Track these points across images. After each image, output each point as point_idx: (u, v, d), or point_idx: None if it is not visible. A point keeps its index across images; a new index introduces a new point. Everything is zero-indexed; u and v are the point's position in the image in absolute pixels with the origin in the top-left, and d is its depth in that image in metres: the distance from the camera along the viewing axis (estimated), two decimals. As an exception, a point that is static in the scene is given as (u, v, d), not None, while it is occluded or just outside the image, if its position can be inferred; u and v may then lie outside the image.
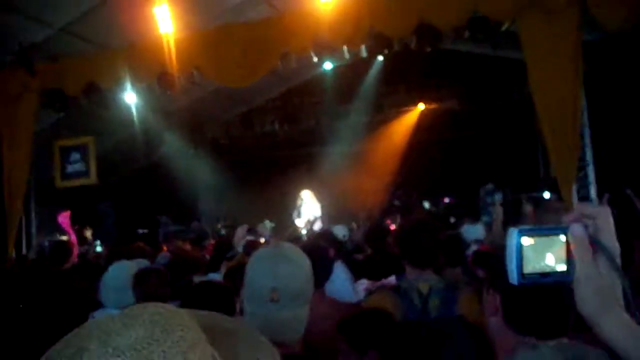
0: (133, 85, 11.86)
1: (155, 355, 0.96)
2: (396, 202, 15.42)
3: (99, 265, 6.12)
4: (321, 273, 3.45)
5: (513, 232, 1.06)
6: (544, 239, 1.06)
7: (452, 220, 13.37)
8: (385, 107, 17.07)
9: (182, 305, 2.88)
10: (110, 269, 3.99)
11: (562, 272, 1.06)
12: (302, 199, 13.40)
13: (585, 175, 12.55)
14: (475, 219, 10.28)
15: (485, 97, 16.15)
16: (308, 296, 2.02)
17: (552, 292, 1.38)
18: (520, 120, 14.75)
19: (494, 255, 1.89)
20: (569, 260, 1.05)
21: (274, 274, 1.93)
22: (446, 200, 15.55)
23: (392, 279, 3.37)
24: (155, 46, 11.29)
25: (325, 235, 7.07)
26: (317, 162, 17.27)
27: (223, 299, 3.06)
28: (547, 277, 1.06)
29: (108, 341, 0.98)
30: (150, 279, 3.66)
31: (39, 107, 11.98)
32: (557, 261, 1.06)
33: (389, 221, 12.96)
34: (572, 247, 1.05)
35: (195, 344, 1.02)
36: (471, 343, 2.70)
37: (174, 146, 17.14)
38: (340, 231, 7.87)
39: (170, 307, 1.08)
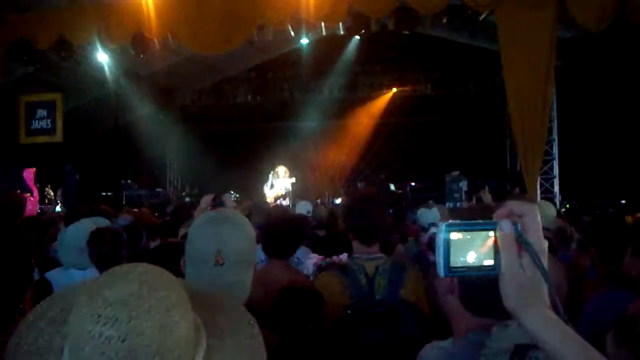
0: (106, 44, 11.66)
1: (141, 310, 1.02)
2: (360, 185, 15.45)
3: (49, 223, 6.06)
4: (293, 242, 3.44)
5: (441, 226, 1.09)
6: (472, 234, 1.09)
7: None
8: (359, 87, 17.08)
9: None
10: (69, 228, 3.88)
11: (488, 267, 1.08)
12: (277, 174, 13.39)
13: (551, 169, 12.76)
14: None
15: (458, 84, 16.24)
16: (251, 259, 2.02)
17: (476, 286, 1.42)
18: (491, 110, 14.88)
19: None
20: (496, 256, 1.07)
21: (218, 237, 1.93)
22: (412, 184, 15.64)
23: (343, 256, 3.31)
24: (132, 7, 11.12)
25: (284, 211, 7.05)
26: (288, 136, 17.23)
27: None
28: (474, 271, 1.09)
29: (97, 294, 1.04)
30: (106, 238, 3.57)
31: (6, 59, 11.71)
32: (484, 256, 1.08)
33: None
34: (499, 243, 1.07)
35: (178, 304, 1.08)
36: (415, 327, 2.70)
37: (143, 111, 16.93)
38: (304, 207, 7.88)
39: (158, 269, 1.13)
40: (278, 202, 12.60)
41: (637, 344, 1.83)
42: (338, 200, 11.47)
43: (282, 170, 13.44)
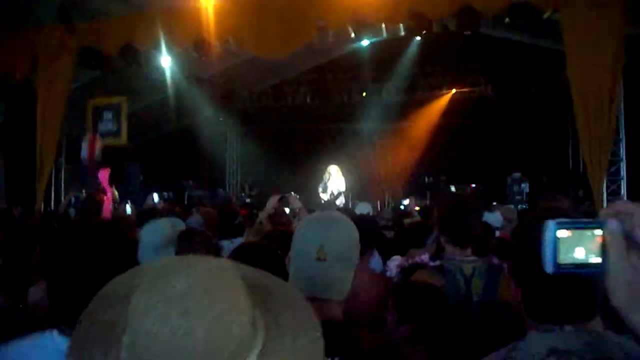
0: (169, 48, 11.90)
1: (194, 309, 1.00)
2: (426, 180, 15.34)
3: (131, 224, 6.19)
4: (366, 242, 3.49)
5: (549, 224, 1.10)
6: (579, 232, 1.09)
7: None
8: (419, 89, 16.95)
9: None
10: (147, 227, 3.99)
11: (596, 264, 1.09)
12: (329, 173, 13.41)
13: (617, 170, 12.41)
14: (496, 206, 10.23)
15: (519, 85, 16.00)
16: (354, 260, 2.06)
17: (574, 281, 1.38)
18: (553, 111, 14.61)
19: (515, 245, 1.88)
20: (603, 254, 1.08)
21: (323, 233, 2.00)
22: (473, 185, 15.46)
23: (424, 257, 3.35)
24: (193, 11, 11.32)
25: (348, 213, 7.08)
26: (346, 138, 17.25)
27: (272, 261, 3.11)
28: (581, 269, 1.10)
29: (154, 286, 1.03)
30: (195, 238, 3.69)
31: (76, 65, 12.08)
32: (592, 254, 1.09)
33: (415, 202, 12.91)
34: (606, 240, 1.07)
35: (234, 304, 1.05)
36: (514, 330, 2.70)
37: (204, 113, 17.20)
38: (364, 208, 7.90)
39: (222, 264, 1.12)
40: (338, 202, 12.63)
41: None
42: (406, 202, 11.40)
43: (334, 169, 13.46)
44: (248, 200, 15.47)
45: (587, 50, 10.18)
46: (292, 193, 11.84)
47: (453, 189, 14.91)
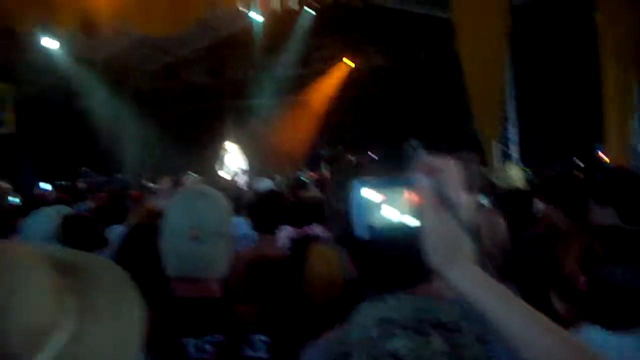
0: (53, 31, 11.40)
1: None
2: (323, 152, 15.47)
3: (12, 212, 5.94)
4: (275, 219, 3.47)
5: (356, 185, 1.04)
6: (389, 191, 1.05)
7: None
8: (313, 61, 17.05)
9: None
10: (31, 216, 3.82)
11: (409, 224, 1.04)
12: (226, 150, 13.27)
13: (508, 133, 12.88)
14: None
15: (410, 53, 16.31)
16: (227, 233, 2.03)
17: (398, 244, 1.23)
18: (446, 77, 14.96)
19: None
20: (416, 213, 1.04)
21: (192, 213, 1.94)
22: (370, 154, 15.68)
23: (318, 228, 3.36)
24: (78, -10, 10.88)
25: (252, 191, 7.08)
26: (244, 114, 17.11)
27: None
28: (395, 230, 1.05)
29: None
30: (78, 223, 3.54)
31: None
32: (404, 213, 1.04)
33: (312, 174, 13.00)
34: (418, 199, 1.04)
35: (26, 285, 0.98)
36: None
37: (97, 96, 16.63)
38: (264, 184, 7.90)
39: (19, 247, 1.05)
40: (241, 180, 12.54)
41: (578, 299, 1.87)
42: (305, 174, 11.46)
43: (231, 146, 13.33)
44: (143, 183, 15.11)
45: (474, 18, 10.47)
46: (190, 173, 11.67)
47: (352, 158, 15.12)
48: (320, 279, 2.77)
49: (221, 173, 13.10)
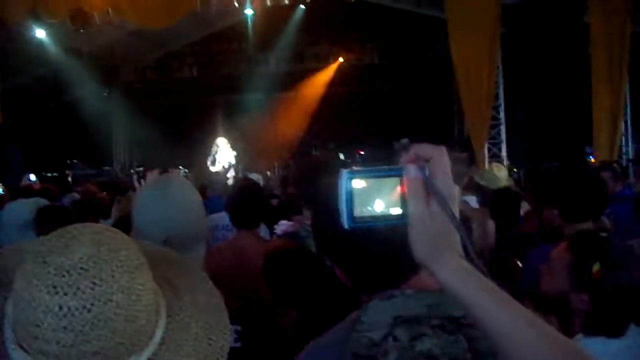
0: (43, 20, 11.31)
1: (103, 273, 0.93)
2: (313, 152, 15.47)
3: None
4: (262, 212, 3.41)
5: (343, 173, 0.99)
6: (376, 181, 1.00)
7: None
8: (305, 58, 17.05)
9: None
10: (8, 206, 3.81)
11: (396, 216, 1.00)
12: (217, 146, 13.24)
13: (498, 133, 12.92)
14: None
15: (405, 53, 16.32)
16: (202, 235, 1.95)
17: (382, 235, 1.23)
18: (438, 77, 14.99)
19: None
20: (403, 203, 0.99)
21: (164, 223, 1.80)
22: (361, 152, 15.70)
23: (307, 222, 3.32)
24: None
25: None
26: (234, 110, 17.06)
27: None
28: (380, 221, 1.00)
29: (48, 261, 0.93)
30: (54, 215, 3.49)
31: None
32: (391, 204, 0.99)
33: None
34: (405, 189, 0.99)
35: (142, 263, 1.00)
36: None
37: (87, 88, 16.53)
38: (254, 179, 7.87)
39: (109, 227, 1.04)
40: (229, 174, 12.51)
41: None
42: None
43: (222, 141, 13.29)
44: (135, 176, 15.06)
45: (467, 18, 10.50)
46: (180, 168, 11.64)
47: (342, 156, 15.09)
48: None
49: (211, 167, 13.05)
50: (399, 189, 0.99)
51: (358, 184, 0.98)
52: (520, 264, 3.15)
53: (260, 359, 1.92)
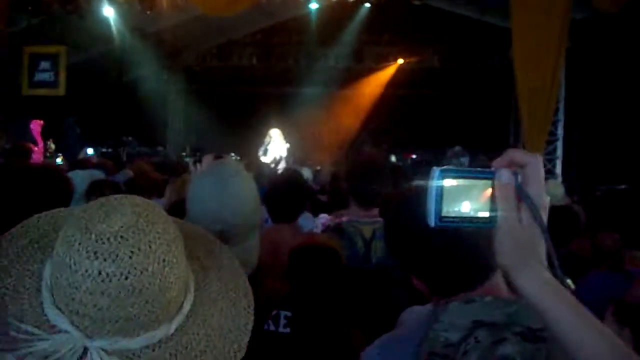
0: (112, -1, 11.53)
1: (142, 243, 0.97)
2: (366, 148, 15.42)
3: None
4: (299, 205, 3.40)
5: (435, 171, 0.98)
6: (468, 182, 0.99)
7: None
8: (365, 56, 17.02)
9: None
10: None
11: (483, 219, 0.99)
12: (270, 137, 13.28)
13: (554, 149, 12.69)
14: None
15: (466, 59, 16.19)
16: (255, 225, 1.94)
17: (465, 238, 1.28)
18: (497, 87, 14.80)
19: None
20: (492, 207, 0.98)
21: (219, 214, 1.78)
22: (413, 156, 15.62)
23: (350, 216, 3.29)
24: (139, -39, 10.98)
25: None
26: (291, 102, 17.12)
27: None
28: (467, 223, 0.99)
29: (91, 228, 0.97)
30: (104, 189, 3.55)
31: (10, 10, 11.56)
32: (480, 207, 0.98)
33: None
34: (496, 192, 0.97)
35: (177, 237, 1.05)
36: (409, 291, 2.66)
37: (148, 69, 16.81)
38: (305, 173, 7.89)
39: (147, 200, 1.08)
40: (280, 166, 12.56)
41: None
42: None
43: (275, 133, 13.33)
44: (188, 159, 15.25)
45: (533, 30, 10.32)
46: (232, 154, 11.72)
47: (393, 158, 15.03)
48: None
49: (263, 158, 13.11)
50: (489, 192, 0.98)
51: (449, 182, 0.97)
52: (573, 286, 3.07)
53: (309, 345, 1.91)
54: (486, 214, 0.98)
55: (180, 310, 1.06)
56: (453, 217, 0.98)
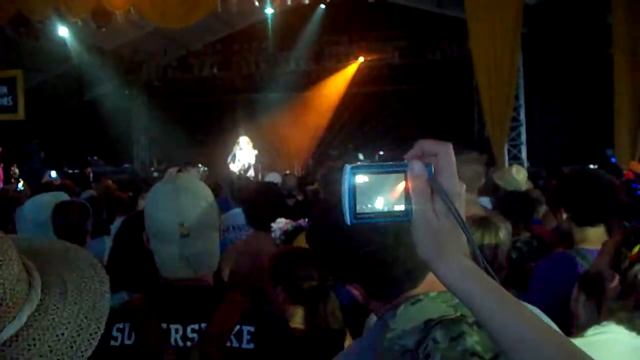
0: (66, 18, 11.41)
1: None
2: (332, 152, 15.46)
3: (14, 199, 5.96)
4: (276, 216, 3.47)
5: (346, 169, 0.97)
6: (380, 177, 0.97)
7: None
8: (326, 57, 17.05)
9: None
10: (28, 202, 3.81)
11: (399, 213, 0.97)
12: (239, 145, 13.26)
13: (518, 135, 12.84)
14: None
15: (425, 53, 16.28)
16: (215, 225, 1.96)
17: (381, 232, 1.25)
18: (459, 77, 14.92)
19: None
20: (407, 201, 0.96)
21: (179, 209, 1.83)
22: (380, 153, 15.68)
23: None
24: (90, -22, 10.89)
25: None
26: (255, 108, 17.12)
27: None
28: (382, 218, 0.98)
29: None
30: (71, 210, 3.51)
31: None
32: (395, 201, 0.97)
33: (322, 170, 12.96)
34: (409, 186, 0.96)
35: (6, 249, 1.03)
36: None
37: (109, 86, 16.68)
38: (273, 179, 7.92)
39: None
40: (249, 174, 12.55)
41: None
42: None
43: (244, 140, 13.30)
44: (156, 174, 15.15)
45: (487, 19, 10.44)
46: (200, 165, 11.68)
47: (361, 156, 15.10)
48: None
49: (231, 166, 13.08)
50: (403, 185, 0.97)
51: (361, 179, 0.97)
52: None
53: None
54: (402, 208, 0.97)
55: (14, 319, 1.04)
56: (368, 213, 0.97)
